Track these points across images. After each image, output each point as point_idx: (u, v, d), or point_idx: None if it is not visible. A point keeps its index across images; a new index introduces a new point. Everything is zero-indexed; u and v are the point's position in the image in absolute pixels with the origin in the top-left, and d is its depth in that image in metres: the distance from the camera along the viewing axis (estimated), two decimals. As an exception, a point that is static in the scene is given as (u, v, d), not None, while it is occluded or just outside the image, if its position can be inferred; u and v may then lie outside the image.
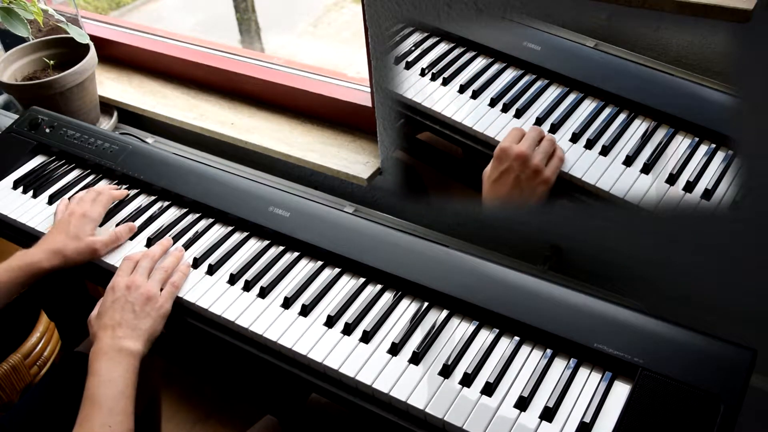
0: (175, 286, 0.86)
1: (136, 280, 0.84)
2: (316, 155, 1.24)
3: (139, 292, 0.83)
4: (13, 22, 1.24)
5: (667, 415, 0.67)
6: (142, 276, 0.85)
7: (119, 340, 0.78)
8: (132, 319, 0.80)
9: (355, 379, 0.75)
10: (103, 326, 0.80)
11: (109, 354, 0.76)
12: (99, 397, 0.72)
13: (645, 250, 1.02)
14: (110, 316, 0.81)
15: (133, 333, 0.79)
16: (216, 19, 2.61)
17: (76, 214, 0.94)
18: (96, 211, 0.96)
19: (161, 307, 0.83)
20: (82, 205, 0.96)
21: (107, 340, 0.78)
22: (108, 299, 0.83)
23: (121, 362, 0.76)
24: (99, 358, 0.76)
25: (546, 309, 0.77)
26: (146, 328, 0.80)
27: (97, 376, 0.74)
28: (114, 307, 0.82)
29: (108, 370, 0.75)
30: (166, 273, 0.87)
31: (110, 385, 0.74)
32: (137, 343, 0.78)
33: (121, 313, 0.81)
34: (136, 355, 0.78)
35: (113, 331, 0.79)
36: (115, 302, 0.82)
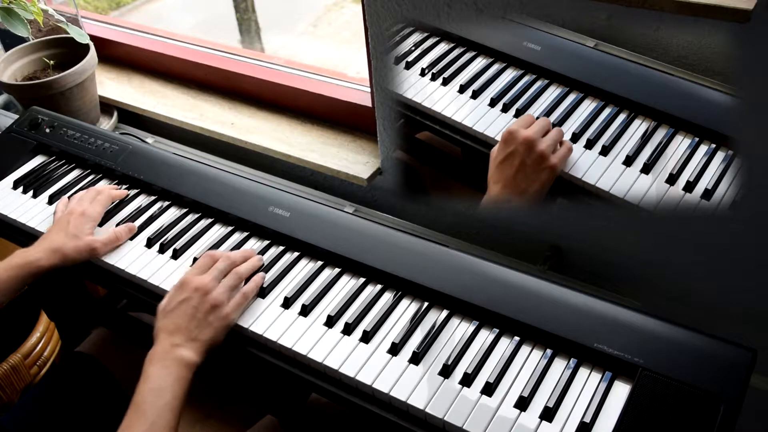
0: (246, 296, 0.83)
1: (207, 284, 0.81)
2: (316, 155, 1.24)
3: (207, 298, 0.79)
4: (13, 22, 1.24)
5: (667, 415, 0.67)
6: (214, 280, 0.82)
7: (176, 347, 0.75)
8: (194, 327, 0.77)
9: (355, 379, 0.75)
10: (163, 327, 0.78)
11: (164, 361, 0.74)
12: (145, 405, 0.71)
13: (645, 250, 1.02)
14: (172, 319, 0.78)
15: (192, 342, 0.76)
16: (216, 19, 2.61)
17: (75, 213, 0.94)
18: (95, 210, 0.96)
19: (226, 317, 0.80)
20: (82, 204, 0.96)
21: (164, 344, 0.76)
22: (177, 296, 0.80)
23: (173, 372, 0.74)
24: (153, 362, 0.75)
25: (546, 309, 0.77)
26: (206, 339, 0.77)
27: (148, 382, 0.73)
28: (179, 309, 0.79)
29: (159, 378, 0.73)
30: (239, 280, 0.84)
31: (158, 395, 0.72)
32: (194, 354, 0.76)
33: (184, 318, 0.78)
34: (191, 366, 0.75)
35: (172, 336, 0.76)
36: (182, 303, 0.79)
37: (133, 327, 1.14)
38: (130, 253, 0.93)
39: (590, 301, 0.77)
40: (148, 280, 0.89)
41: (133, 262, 0.92)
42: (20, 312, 1.40)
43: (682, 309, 1.04)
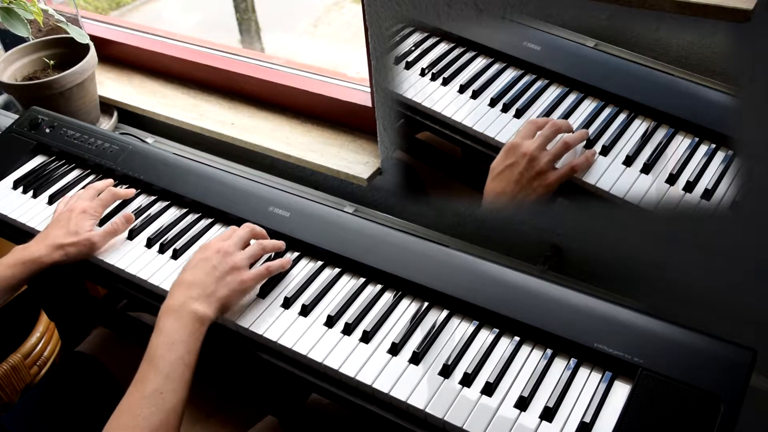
0: (270, 270, 0.83)
1: (228, 247, 0.82)
2: (316, 155, 1.24)
3: (226, 259, 0.81)
4: (13, 22, 1.24)
5: (667, 415, 0.67)
6: (235, 245, 0.83)
7: (191, 300, 0.76)
8: (210, 283, 0.78)
9: (356, 379, 0.75)
10: (180, 281, 0.79)
11: (178, 312, 0.74)
12: (158, 359, 0.71)
13: (645, 250, 1.02)
14: (191, 273, 0.79)
15: (206, 297, 0.77)
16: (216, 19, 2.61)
17: (76, 211, 0.93)
18: (96, 208, 0.95)
19: (244, 281, 0.80)
20: (83, 202, 0.96)
21: (179, 297, 0.76)
22: (196, 256, 0.82)
23: (187, 325, 0.74)
24: (167, 314, 0.75)
25: (546, 309, 0.77)
26: (221, 296, 0.78)
27: (161, 335, 0.73)
28: (198, 267, 0.80)
29: (172, 331, 0.73)
30: (262, 251, 0.85)
31: (171, 348, 0.72)
32: (208, 308, 0.76)
33: (202, 274, 0.79)
34: (204, 320, 0.75)
35: (188, 290, 0.77)
36: (201, 261, 0.80)
37: (133, 327, 1.14)
38: (130, 253, 0.93)
39: (590, 301, 0.77)
40: (148, 280, 0.89)
41: (133, 262, 0.92)
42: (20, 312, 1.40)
43: (682, 309, 1.04)
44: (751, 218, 0.88)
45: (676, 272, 1.02)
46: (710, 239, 0.94)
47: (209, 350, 0.77)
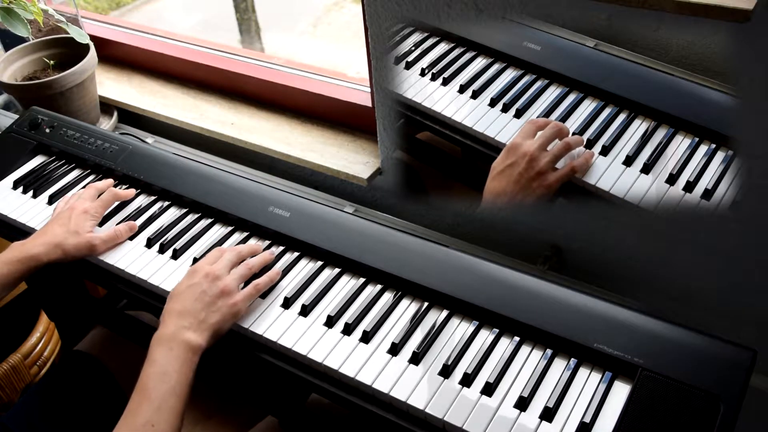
0: (258, 288, 0.83)
1: (216, 270, 0.81)
2: (316, 155, 1.24)
3: (216, 283, 0.80)
4: (13, 22, 1.23)
5: (667, 415, 0.67)
6: (224, 268, 0.82)
7: (183, 330, 0.75)
8: (200, 310, 0.77)
9: (355, 379, 0.75)
10: (171, 310, 0.78)
11: (170, 343, 0.74)
12: (150, 390, 0.70)
13: (645, 250, 1.02)
14: (180, 301, 0.78)
15: (198, 325, 0.76)
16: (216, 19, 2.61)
17: (77, 210, 0.93)
18: (97, 208, 0.95)
19: (234, 305, 0.79)
20: (84, 202, 0.95)
21: (171, 326, 0.75)
22: (185, 282, 0.81)
23: (179, 356, 0.73)
24: (160, 344, 0.74)
25: (546, 309, 0.77)
26: (213, 322, 0.77)
27: (153, 365, 0.72)
28: (186, 294, 0.79)
29: (164, 361, 0.73)
30: (249, 271, 0.84)
31: (164, 378, 0.71)
32: (200, 337, 0.75)
33: (192, 301, 0.78)
34: (196, 349, 0.75)
35: (179, 319, 0.76)
36: (190, 288, 0.79)
37: (132, 326, 1.14)
38: (130, 253, 0.93)
39: (590, 301, 0.77)
40: (148, 280, 0.89)
41: (133, 262, 0.92)
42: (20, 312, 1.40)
43: (682, 309, 1.04)
44: (751, 218, 0.88)
45: (676, 272, 1.02)
46: (710, 239, 0.94)
47: (209, 351, 0.77)
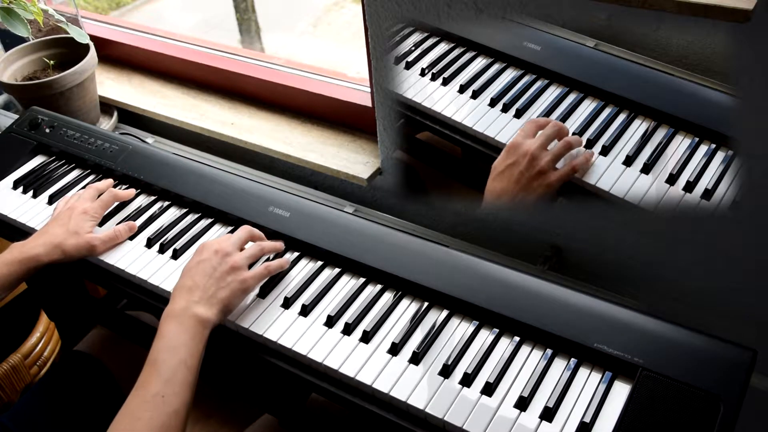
0: (269, 270, 0.83)
1: (226, 247, 0.82)
2: (316, 155, 1.24)
3: (225, 259, 0.80)
4: (13, 22, 1.23)
5: (667, 415, 0.67)
6: (234, 245, 0.83)
7: (193, 304, 0.76)
8: (211, 285, 0.78)
9: (355, 379, 0.75)
10: (180, 286, 0.78)
11: (179, 318, 0.74)
12: (159, 363, 0.71)
13: (645, 250, 1.02)
14: (190, 277, 0.79)
15: (208, 300, 0.77)
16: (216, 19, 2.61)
17: (77, 211, 0.93)
18: (96, 209, 0.95)
19: (244, 281, 0.80)
20: (83, 202, 0.95)
21: (181, 301, 0.76)
22: (194, 259, 0.81)
23: (189, 329, 0.74)
24: (169, 320, 0.75)
25: (546, 309, 0.77)
26: (223, 297, 0.78)
27: (163, 339, 0.73)
28: (197, 269, 0.79)
29: (174, 335, 0.73)
30: (261, 251, 0.84)
31: (173, 352, 0.71)
32: (210, 311, 0.76)
33: (202, 276, 0.78)
34: (206, 323, 0.75)
35: (189, 294, 0.77)
36: (200, 263, 0.80)
37: (132, 326, 1.14)
38: (130, 253, 0.93)
39: (590, 301, 0.77)
40: (148, 280, 0.89)
41: (133, 262, 0.92)
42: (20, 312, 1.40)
43: (682, 309, 1.04)
44: (751, 218, 0.88)
45: (676, 272, 1.02)
46: (710, 239, 0.94)
47: (210, 351, 0.77)
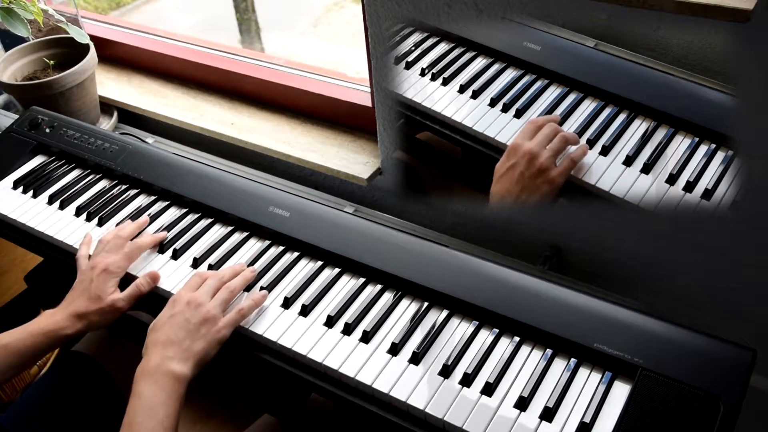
0: (242, 314, 0.81)
1: (198, 297, 0.80)
2: (316, 155, 1.24)
3: (198, 311, 0.79)
4: (13, 22, 1.24)
5: (667, 415, 0.67)
6: (206, 294, 0.81)
7: (167, 360, 0.74)
8: (184, 338, 0.76)
9: (355, 379, 0.75)
10: (154, 341, 0.77)
11: (154, 376, 0.73)
12: (137, 425, 0.69)
13: (645, 250, 1.02)
14: (164, 332, 0.77)
15: (183, 354, 0.75)
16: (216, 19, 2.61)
17: (98, 269, 0.88)
18: (120, 263, 0.89)
19: (218, 331, 0.78)
20: (105, 257, 0.89)
21: (155, 358, 0.75)
22: (167, 312, 0.80)
23: (165, 387, 0.72)
24: (144, 378, 0.73)
25: (546, 309, 0.77)
26: (197, 350, 0.76)
27: (139, 400, 0.71)
28: (170, 323, 0.78)
29: (150, 395, 0.71)
30: (231, 294, 0.82)
31: (150, 413, 0.70)
32: (185, 367, 0.74)
33: (175, 330, 0.77)
34: (182, 380, 0.74)
35: (163, 349, 0.75)
36: (173, 317, 0.78)
37: (131, 326, 1.13)
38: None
39: (590, 301, 0.77)
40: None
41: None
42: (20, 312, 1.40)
43: (682, 309, 1.04)
44: (751, 218, 0.88)
45: (676, 272, 1.02)
46: (710, 239, 0.94)
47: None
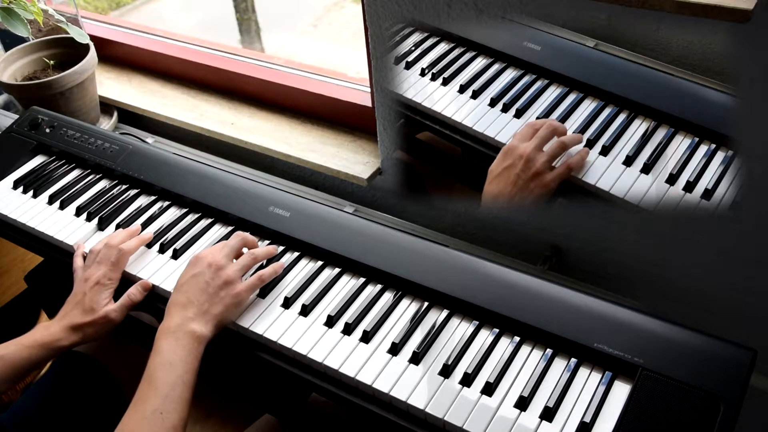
0: (262, 279, 0.83)
1: (219, 260, 0.82)
2: (316, 155, 1.24)
3: (219, 273, 0.81)
4: (13, 22, 1.23)
5: (667, 415, 0.67)
6: (227, 257, 0.83)
7: (188, 321, 0.77)
8: (204, 301, 0.79)
9: (356, 379, 0.75)
10: (175, 301, 0.79)
11: (176, 334, 0.75)
12: (157, 380, 0.71)
13: (645, 250, 1.02)
14: (184, 292, 0.80)
15: (203, 316, 0.77)
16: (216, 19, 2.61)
17: (90, 282, 0.88)
18: (111, 275, 0.89)
19: (238, 295, 0.81)
20: (97, 269, 0.89)
21: (176, 318, 0.77)
22: (188, 272, 0.82)
23: (185, 345, 0.75)
24: (165, 336, 0.75)
25: (546, 309, 0.77)
26: (217, 313, 0.78)
27: (159, 356, 0.73)
28: (190, 284, 0.80)
29: (170, 352, 0.74)
30: (254, 261, 0.85)
31: (170, 368, 0.72)
32: (205, 328, 0.77)
33: (196, 292, 0.79)
34: (202, 339, 0.76)
35: (184, 310, 0.78)
36: (194, 278, 0.81)
37: (132, 326, 1.13)
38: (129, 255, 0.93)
39: (590, 301, 0.77)
40: (149, 280, 0.89)
41: (133, 263, 0.92)
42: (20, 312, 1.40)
43: (682, 309, 1.04)
44: (751, 218, 0.88)
45: (676, 272, 1.02)
46: (710, 239, 0.94)
47: (210, 350, 0.77)
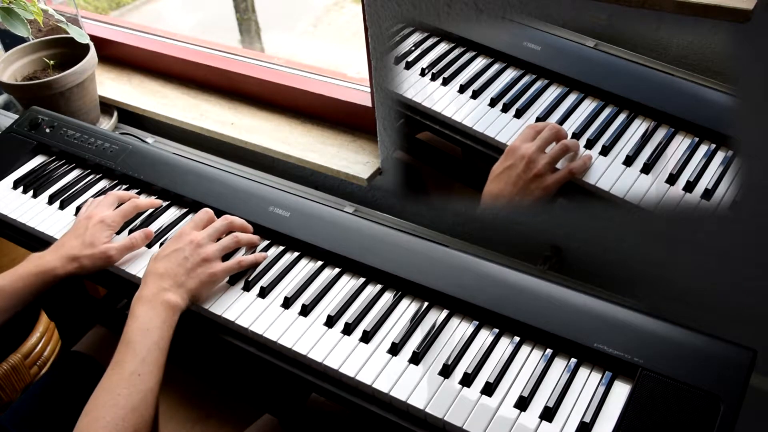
0: (241, 264, 0.86)
1: (201, 239, 0.85)
2: (316, 155, 1.24)
3: (198, 251, 0.83)
4: (13, 22, 1.23)
5: (667, 415, 0.67)
6: (209, 237, 0.86)
7: (163, 291, 0.79)
8: (181, 274, 0.81)
9: (355, 379, 0.75)
10: (153, 270, 0.82)
11: (152, 302, 0.78)
12: (135, 344, 0.74)
13: (645, 250, 1.02)
14: (163, 264, 0.82)
15: (177, 288, 0.80)
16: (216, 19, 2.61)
17: (94, 219, 0.92)
18: (114, 218, 0.93)
19: (213, 274, 0.83)
20: (101, 210, 0.94)
21: (152, 287, 0.80)
22: (170, 246, 0.84)
23: (160, 314, 0.77)
24: (141, 303, 0.78)
25: (546, 309, 0.77)
26: (191, 287, 0.81)
27: (136, 321, 0.76)
28: (170, 257, 0.83)
29: (147, 318, 0.77)
30: (236, 244, 0.88)
31: (146, 334, 0.75)
32: (179, 298, 0.80)
33: (173, 265, 0.82)
34: (176, 309, 0.79)
35: (160, 280, 0.80)
36: (175, 252, 0.83)
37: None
38: (130, 253, 0.93)
39: (590, 301, 0.77)
40: (148, 280, 0.89)
41: (132, 262, 0.92)
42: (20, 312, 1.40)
43: (682, 309, 1.04)
44: (751, 218, 0.88)
45: (676, 272, 1.02)
46: (710, 239, 0.94)
47: (210, 350, 0.77)
